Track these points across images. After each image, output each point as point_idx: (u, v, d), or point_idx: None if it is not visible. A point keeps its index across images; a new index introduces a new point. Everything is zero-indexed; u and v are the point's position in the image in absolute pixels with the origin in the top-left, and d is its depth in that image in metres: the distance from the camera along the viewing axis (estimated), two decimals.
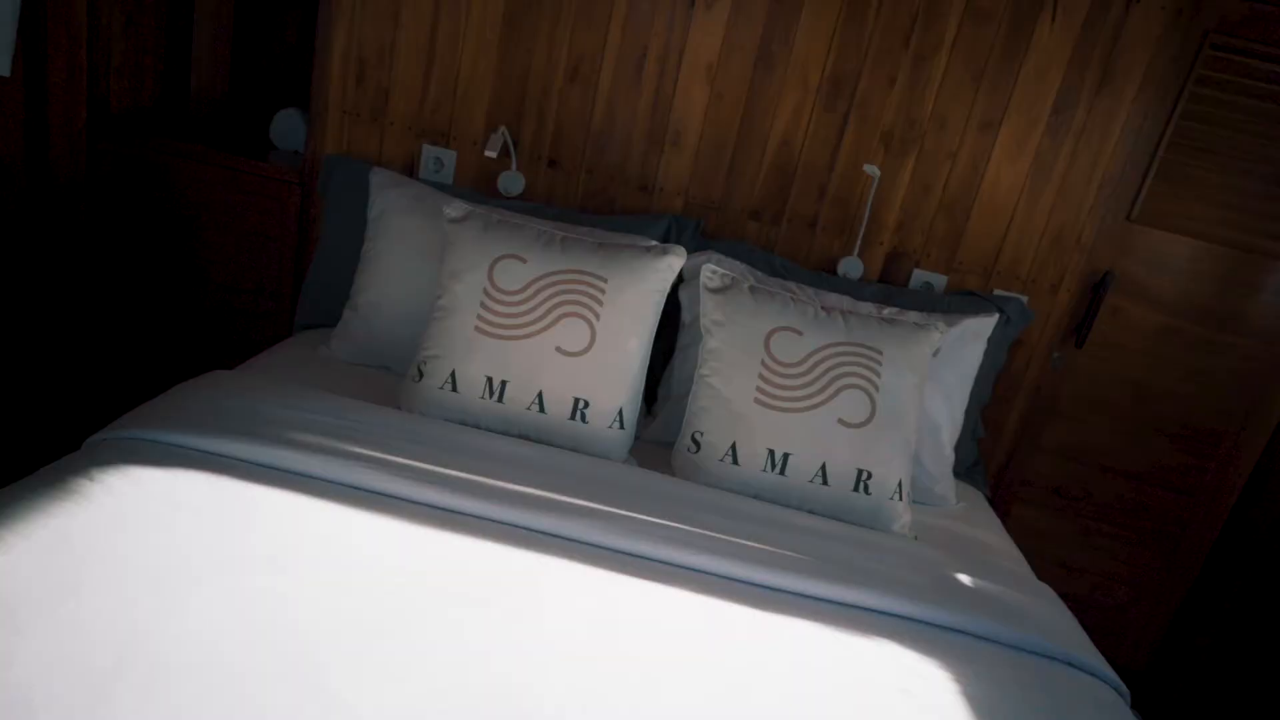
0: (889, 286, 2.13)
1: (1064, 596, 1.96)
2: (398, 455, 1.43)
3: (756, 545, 1.42)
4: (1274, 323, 2.20)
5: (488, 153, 2.04)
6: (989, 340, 1.98)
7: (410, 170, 2.20)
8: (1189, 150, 2.11)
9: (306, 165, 2.23)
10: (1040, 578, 1.68)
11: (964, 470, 2.14)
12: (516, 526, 1.36)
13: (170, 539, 1.14)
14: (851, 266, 2.16)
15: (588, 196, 2.19)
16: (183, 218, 2.26)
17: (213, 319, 2.33)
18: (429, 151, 2.18)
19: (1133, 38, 2.00)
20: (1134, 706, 2.40)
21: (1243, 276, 2.19)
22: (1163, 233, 2.18)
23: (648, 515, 1.44)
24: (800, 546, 1.45)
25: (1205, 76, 2.05)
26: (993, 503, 2.25)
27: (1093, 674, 1.38)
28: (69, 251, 2.26)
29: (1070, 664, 1.38)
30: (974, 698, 1.21)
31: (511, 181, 2.16)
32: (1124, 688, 1.40)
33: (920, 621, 1.37)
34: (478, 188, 2.19)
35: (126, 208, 2.25)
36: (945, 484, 1.90)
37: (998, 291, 2.18)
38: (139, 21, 2.32)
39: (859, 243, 2.16)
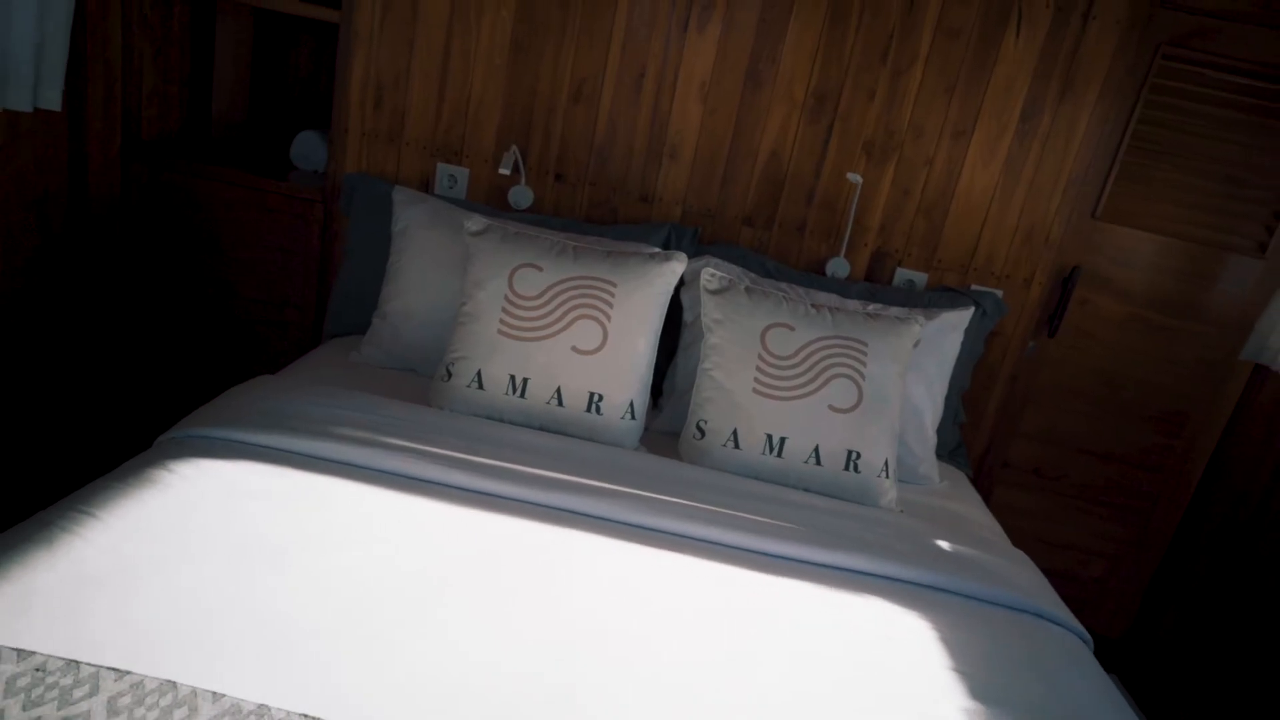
0: (874, 285, 2.32)
1: (1045, 570, 2.14)
2: (432, 446, 1.61)
3: (757, 518, 1.60)
4: (1230, 311, 2.39)
5: (501, 170, 2.22)
6: (966, 332, 2.17)
7: (426, 187, 2.38)
8: (1147, 152, 2.30)
9: (328, 184, 2.40)
10: (1025, 550, 1.86)
11: (947, 453, 2.32)
12: (542, 506, 1.53)
13: (242, 518, 1.32)
14: (839, 267, 2.35)
15: (592, 207, 2.37)
16: (211, 235, 2.43)
17: (241, 329, 2.50)
18: (443, 169, 2.36)
19: (1091, 50, 2.20)
20: (1113, 671, 2.59)
21: (1200, 268, 2.38)
22: (1126, 229, 2.37)
23: (658, 494, 1.62)
24: (796, 519, 1.63)
25: (1159, 85, 2.25)
26: (976, 483, 2.44)
27: (1058, 624, 1.56)
28: (107, 268, 2.43)
29: (1039, 616, 1.57)
30: (950, 643, 1.39)
31: (521, 195, 2.34)
32: (1087, 636, 1.59)
33: (903, 581, 1.55)
34: (489, 202, 2.37)
35: (158, 227, 2.42)
36: (929, 464, 2.09)
37: (975, 287, 2.37)
38: (166, 53, 2.50)
39: (845, 245, 2.35)
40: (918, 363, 2.05)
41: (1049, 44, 2.20)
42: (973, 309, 2.19)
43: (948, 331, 2.12)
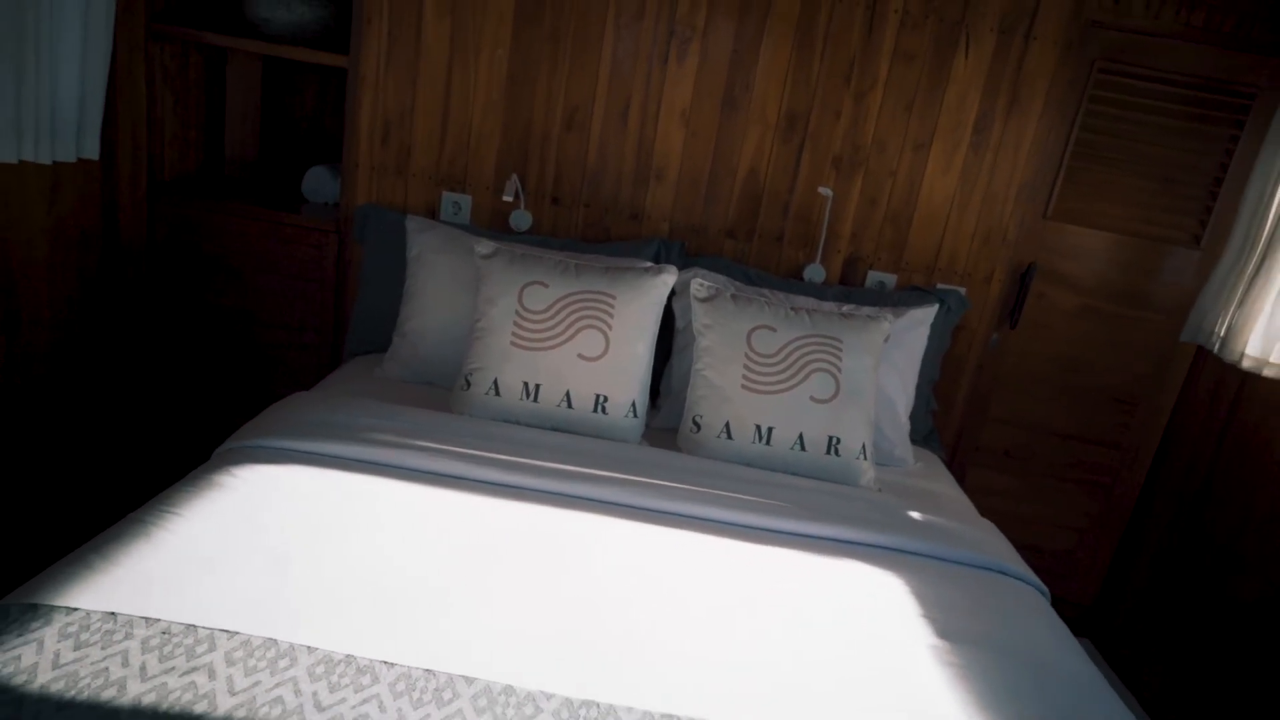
0: (848, 287, 2.56)
1: (1019, 544, 2.38)
2: (458, 446, 1.83)
3: (748, 498, 1.83)
4: (1172, 298, 2.64)
5: (505, 197, 2.45)
6: (932, 327, 2.41)
7: (432, 214, 2.61)
8: (1090, 157, 2.56)
9: (341, 215, 2.62)
10: (1001, 528, 2.08)
11: (922, 438, 2.56)
12: (559, 494, 1.75)
13: (302, 510, 1.54)
14: (815, 272, 2.59)
15: (587, 227, 2.61)
16: (233, 267, 2.64)
17: (265, 352, 2.71)
18: (448, 197, 2.59)
19: (1033, 67, 2.45)
20: (1085, 635, 2.83)
21: (1144, 260, 2.63)
22: (1075, 227, 2.62)
23: (661, 481, 1.84)
24: (783, 498, 1.86)
25: (1097, 96, 2.51)
26: (950, 465, 2.68)
27: (1019, 579, 1.80)
28: (140, 300, 2.64)
29: (1002, 572, 1.80)
30: (920, 595, 1.62)
31: (521, 218, 2.57)
32: (1044, 588, 1.82)
33: (879, 547, 1.78)
34: (492, 225, 2.60)
35: (184, 261, 2.63)
36: (903, 448, 2.33)
37: (940, 285, 2.61)
38: (184, 100, 2.72)
39: (820, 252, 2.59)
40: (889, 356, 2.28)
41: (995, 63, 2.46)
42: (937, 306, 2.44)
43: (915, 327, 2.36)
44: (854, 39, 2.44)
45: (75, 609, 1.17)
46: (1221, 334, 2.34)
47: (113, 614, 1.18)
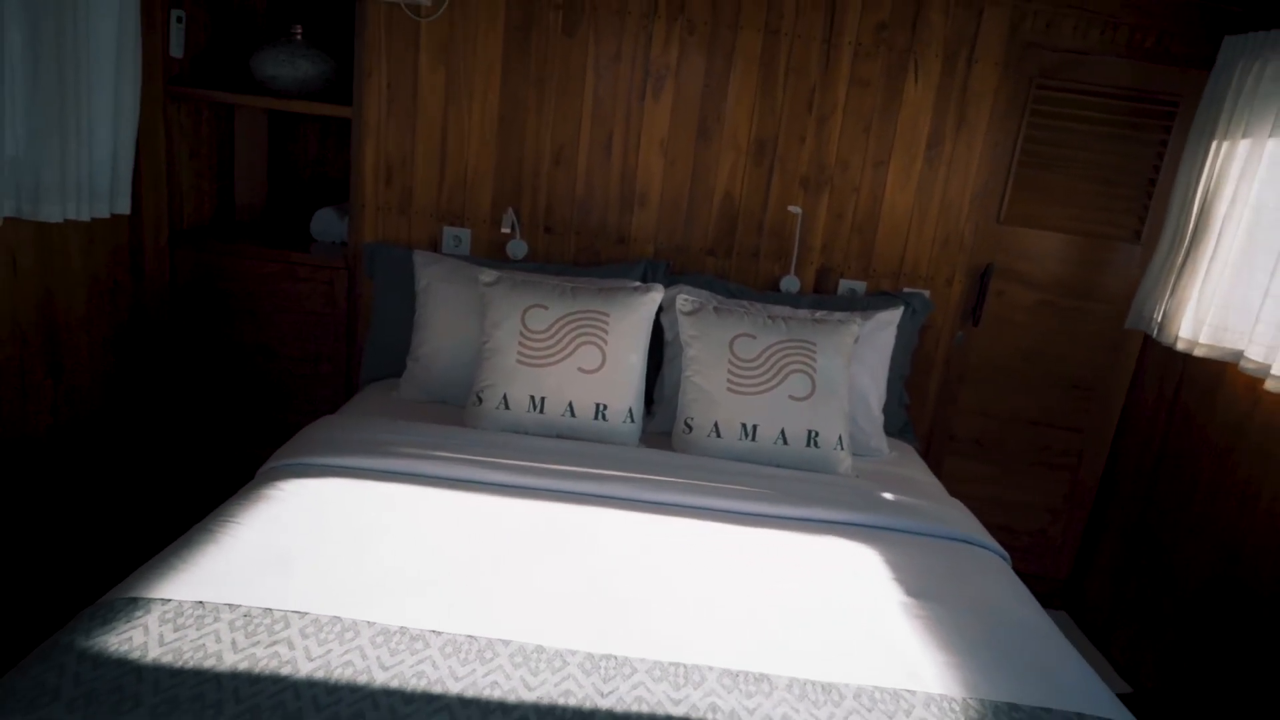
0: (821, 295, 2.81)
1: (995, 526, 2.61)
2: (474, 455, 2.06)
3: (737, 488, 2.07)
4: (1118, 289, 2.90)
5: (504, 230, 2.70)
6: (899, 327, 2.66)
7: (435, 247, 2.85)
8: (1035, 165, 2.82)
9: (350, 253, 2.86)
10: (977, 513, 2.31)
11: (897, 430, 2.80)
12: (566, 492, 1.98)
13: (345, 514, 1.76)
14: (790, 283, 2.84)
15: (578, 252, 2.85)
16: (249, 305, 2.87)
17: (283, 382, 2.93)
18: (449, 231, 2.83)
19: (977, 88, 2.73)
20: (1061, 608, 3.06)
21: (1091, 256, 2.89)
22: (1026, 229, 2.88)
23: (658, 477, 2.08)
24: (769, 486, 2.10)
25: (1038, 109, 2.78)
26: (926, 456, 2.92)
27: (981, 546, 2.03)
28: (166, 340, 2.86)
29: (967, 542, 2.04)
30: (892, 562, 1.86)
31: (517, 248, 2.81)
32: (1005, 554, 2.06)
33: (855, 525, 2.02)
34: (490, 255, 2.84)
35: (204, 302, 2.86)
36: (878, 439, 2.57)
37: (906, 289, 2.87)
38: (199, 154, 2.96)
39: (794, 264, 2.84)
40: (860, 355, 2.53)
41: (943, 86, 2.73)
42: (903, 308, 2.69)
43: (882, 328, 2.61)
44: (813, 70, 2.71)
45: (169, 600, 1.40)
46: (1159, 320, 2.60)
47: (200, 602, 1.40)
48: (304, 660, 1.30)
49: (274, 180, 3.32)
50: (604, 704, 1.30)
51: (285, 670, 1.28)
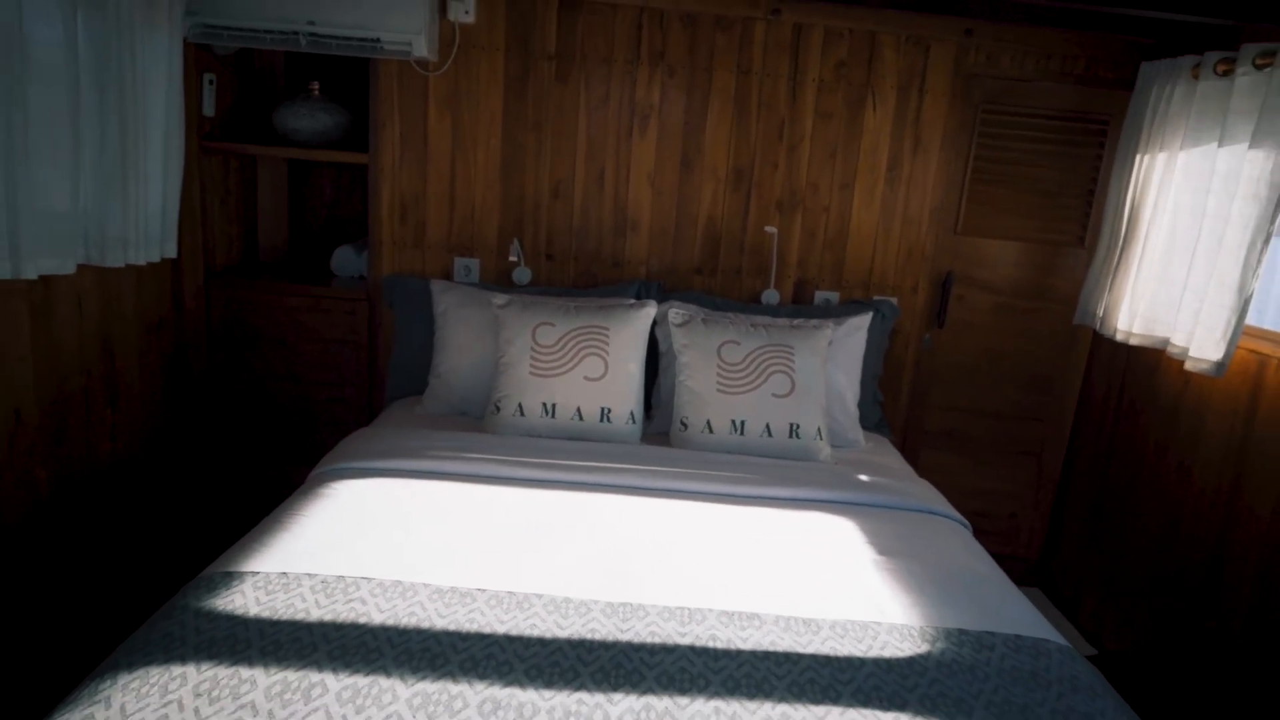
0: (799, 305, 3.14)
1: (970, 512, 2.92)
2: (496, 455, 2.37)
3: (728, 474, 2.38)
4: (1068, 289, 3.24)
5: (511, 258, 3.04)
6: (869, 331, 3.00)
7: (447, 277, 3.18)
8: (986, 181, 3.18)
9: (370, 285, 3.19)
10: (953, 501, 2.61)
11: (873, 425, 3.12)
12: (578, 483, 2.29)
13: (390, 505, 2.07)
14: (770, 296, 3.17)
15: (577, 276, 3.19)
16: (279, 336, 3.19)
17: (311, 405, 3.24)
18: (459, 262, 3.17)
19: (929, 115, 3.09)
20: (1034, 585, 3.36)
21: (1041, 260, 3.24)
22: (981, 239, 3.23)
23: (658, 467, 2.39)
24: (756, 471, 2.42)
25: (985, 131, 3.13)
26: (903, 449, 3.24)
27: (944, 516, 2.35)
28: (203, 371, 3.17)
29: (932, 513, 2.36)
30: (865, 530, 2.17)
31: (522, 274, 3.15)
32: (967, 523, 2.38)
33: (834, 501, 2.33)
34: (498, 282, 3.17)
35: (237, 336, 3.18)
36: (855, 431, 2.89)
37: (875, 297, 3.21)
38: (227, 202, 3.30)
39: (773, 279, 3.18)
40: (834, 357, 2.86)
41: (898, 114, 3.09)
42: (871, 313, 3.02)
43: (853, 332, 2.94)
44: (781, 105, 3.07)
45: (258, 572, 1.71)
46: (1101, 315, 2.94)
47: (284, 573, 1.71)
48: (376, 612, 1.61)
49: (293, 222, 3.66)
50: (624, 638, 1.60)
51: (361, 620, 1.58)
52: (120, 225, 2.49)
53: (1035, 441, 3.39)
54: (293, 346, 3.21)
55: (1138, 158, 2.83)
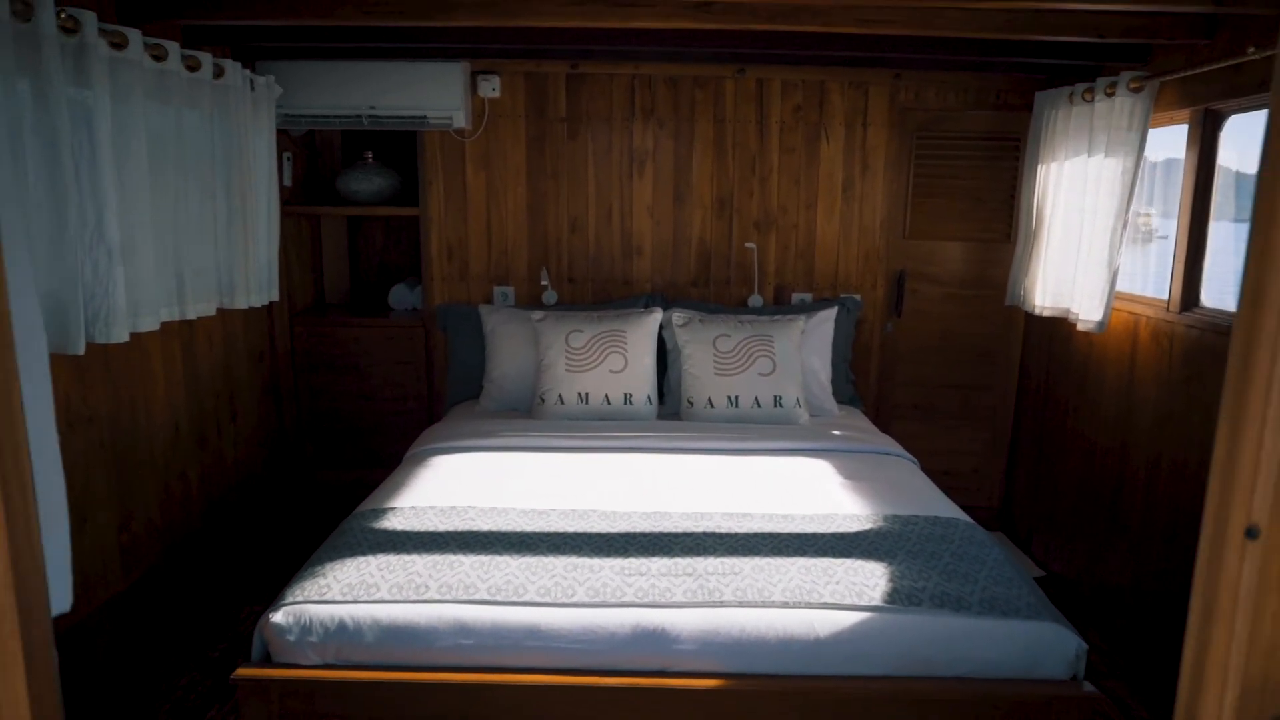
0: (779, 306, 3.96)
1: (939, 471, 3.70)
2: (546, 434, 3.17)
3: (726, 435, 3.18)
4: (1001, 277, 4.04)
5: (541, 283, 3.86)
6: (836, 322, 3.81)
7: (489, 302, 4.00)
8: (925, 194, 4.00)
9: (425, 314, 4.01)
10: (922, 465, 3.39)
11: (847, 400, 3.92)
12: (610, 447, 3.09)
13: (474, 469, 2.87)
14: (755, 300, 3.98)
15: (595, 294, 4.01)
16: (351, 362, 4.01)
17: (379, 419, 4.04)
18: (498, 289, 3.99)
19: (873, 144, 3.92)
20: (998, 529, 4.11)
21: (978, 256, 4.05)
22: (927, 241, 4.04)
23: (671, 434, 3.19)
24: (748, 432, 3.21)
25: (920, 153, 3.96)
26: (876, 421, 4.02)
27: (898, 455, 3.14)
28: (291, 392, 3.99)
29: (888, 454, 3.15)
30: (836, 466, 2.97)
31: (550, 295, 3.97)
32: (914, 459, 3.16)
33: (810, 449, 3.13)
34: (530, 304, 3.99)
35: (316, 363, 3.99)
36: (829, 403, 3.68)
37: (842, 295, 4.02)
38: (301, 254, 4.14)
39: (756, 286, 3.99)
40: (808, 343, 3.66)
41: (848, 145, 3.92)
42: (836, 308, 3.84)
43: (822, 323, 3.75)
44: (752, 144, 3.90)
45: (397, 508, 2.51)
46: (1023, 295, 3.74)
47: (414, 506, 2.51)
48: (483, 524, 2.41)
49: (350, 267, 4.49)
50: (655, 529, 2.39)
51: (475, 528, 2.38)
52: (242, 277, 3.32)
53: (987, 407, 4.18)
54: (363, 370, 4.03)
55: (1039, 167, 3.65)
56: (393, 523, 2.41)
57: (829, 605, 2.05)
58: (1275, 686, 0.75)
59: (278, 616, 2.03)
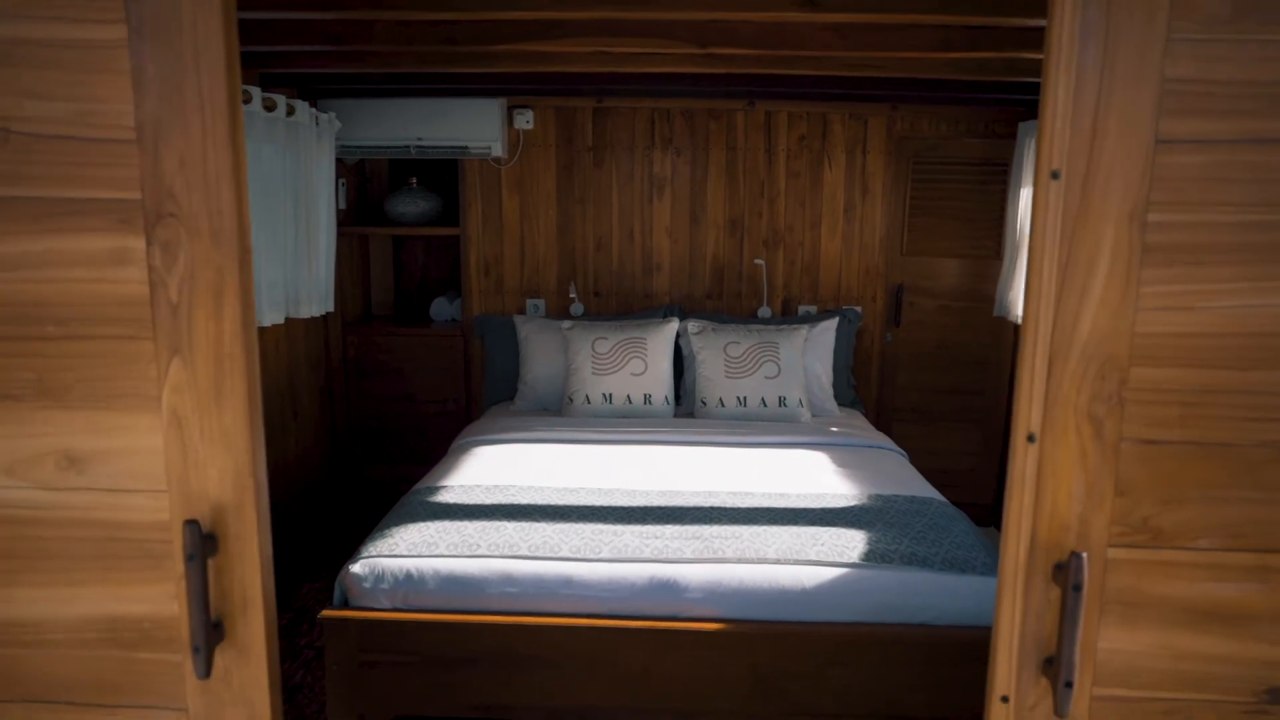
0: (786, 317, 4.39)
1: (936, 470, 4.11)
2: (576, 429, 3.62)
3: (735, 430, 3.61)
4: (991, 290, 4.45)
5: (570, 295, 4.33)
6: (836, 331, 4.24)
7: (521, 314, 4.46)
8: (922, 214, 4.42)
9: (464, 324, 4.48)
10: (921, 464, 3.81)
11: (848, 403, 4.34)
12: (632, 441, 3.53)
13: (514, 457, 3.32)
14: (764, 312, 4.43)
15: (618, 306, 4.47)
16: (397, 367, 4.48)
17: (422, 420, 4.51)
18: (530, 302, 4.46)
19: (872, 169, 4.36)
20: (990, 525, 4.51)
21: (970, 271, 4.47)
22: (923, 257, 4.46)
23: (687, 429, 3.63)
24: (755, 429, 3.65)
25: (916, 178, 4.40)
26: (877, 424, 4.44)
27: (889, 449, 3.56)
28: (344, 395, 4.47)
29: (880, 447, 3.57)
30: (832, 457, 3.39)
31: (577, 308, 4.43)
32: (905, 454, 3.58)
33: (810, 444, 3.55)
34: (560, 315, 4.45)
35: (366, 368, 4.47)
36: (830, 404, 4.11)
37: (845, 307, 4.45)
38: (352, 270, 4.63)
39: (765, 298, 4.43)
40: (811, 350, 4.09)
41: (849, 170, 4.37)
42: (838, 318, 4.27)
43: (824, 332, 4.18)
44: (761, 169, 4.36)
45: (450, 485, 2.97)
46: (1009, 306, 4.15)
47: (462, 485, 2.97)
48: (522, 498, 2.86)
49: (396, 280, 4.99)
50: (669, 504, 2.83)
51: (515, 501, 2.83)
52: (307, 289, 3.81)
53: (981, 410, 4.58)
54: (408, 375, 4.51)
55: (1022, 191, 4.07)
56: (445, 497, 2.87)
57: (815, 562, 2.48)
58: (1051, 541, 1.19)
59: (356, 567, 2.49)
